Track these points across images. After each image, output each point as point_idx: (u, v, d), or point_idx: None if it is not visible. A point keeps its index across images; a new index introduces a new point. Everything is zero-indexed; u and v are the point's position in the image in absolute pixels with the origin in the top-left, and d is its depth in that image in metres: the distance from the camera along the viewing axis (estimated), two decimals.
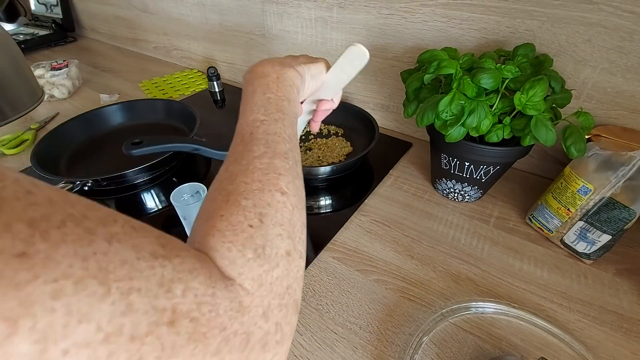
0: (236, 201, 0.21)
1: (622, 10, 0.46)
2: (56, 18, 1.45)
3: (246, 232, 0.19)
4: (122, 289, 0.12)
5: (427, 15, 0.62)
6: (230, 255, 0.18)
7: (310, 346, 0.41)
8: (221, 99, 0.96)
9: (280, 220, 0.21)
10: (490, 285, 0.47)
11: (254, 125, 0.27)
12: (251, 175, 0.23)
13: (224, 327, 0.15)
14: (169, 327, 0.13)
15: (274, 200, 0.22)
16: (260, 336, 0.16)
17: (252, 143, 0.25)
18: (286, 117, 0.29)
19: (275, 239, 0.20)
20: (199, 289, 0.14)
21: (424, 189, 0.63)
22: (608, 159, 0.43)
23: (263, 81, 0.31)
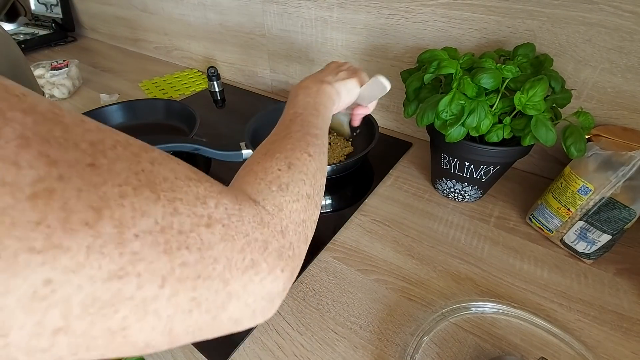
0: (272, 154, 0.26)
1: (622, 10, 0.46)
2: (56, 18, 1.45)
3: (275, 173, 0.24)
4: (168, 197, 0.15)
5: (428, 15, 0.62)
6: (259, 187, 0.22)
7: (311, 346, 0.41)
8: (221, 98, 0.96)
9: (305, 171, 0.26)
10: (490, 285, 0.47)
11: (294, 116, 0.33)
12: (287, 140, 0.28)
13: (247, 234, 0.18)
14: (206, 228, 0.16)
15: (302, 157, 0.27)
16: (276, 247, 0.20)
17: (291, 125, 0.31)
18: (320, 114, 0.35)
19: (298, 182, 0.25)
20: (228, 205, 0.18)
21: (424, 188, 0.63)
22: (608, 159, 0.43)
23: (305, 91, 0.38)
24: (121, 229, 0.13)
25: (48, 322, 0.11)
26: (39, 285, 0.11)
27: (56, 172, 0.11)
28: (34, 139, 0.11)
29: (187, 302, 0.15)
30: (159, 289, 0.14)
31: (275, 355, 0.40)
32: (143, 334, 0.14)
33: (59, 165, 0.12)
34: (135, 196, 0.13)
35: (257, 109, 0.77)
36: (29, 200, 0.11)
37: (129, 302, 0.13)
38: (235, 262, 0.17)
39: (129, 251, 0.13)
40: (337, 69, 0.46)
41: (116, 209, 0.13)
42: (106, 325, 0.13)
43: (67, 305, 0.11)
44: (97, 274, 0.12)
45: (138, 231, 0.13)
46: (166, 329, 0.15)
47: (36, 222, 0.11)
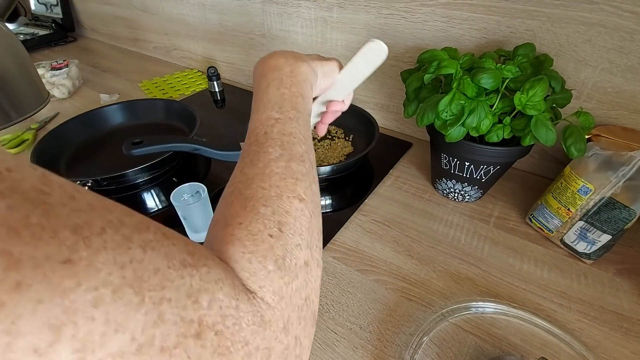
0: (255, 208, 0.20)
1: (622, 10, 0.46)
2: (56, 18, 1.45)
3: (266, 242, 0.19)
4: (154, 299, 0.12)
5: (427, 15, 0.62)
6: (251, 267, 0.18)
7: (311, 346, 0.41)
8: (221, 98, 0.96)
9: (299, 229, 0.21)
10: (490, 285, 0.47)
11: (268, 124, 0.26)
12: (268, 180, 0.22)
13: (247, 342, 0.15)
14: (195, 340, 0.13)
15: (292, 208, 0.21)
16: (280, 350, 0.16)
17: (267, 144, 0.25)
18: (300, 115, 0.28)
19: (294, 250, 0.20)
20: (223, 301, 0.15)
21: (424, 188, 0.63)
22: (608, 159, 0.43)
23: (277, 74, 0.30)
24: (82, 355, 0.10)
25: None
26: None
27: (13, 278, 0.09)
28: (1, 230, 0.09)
29: None
30: None
31: None
32: None
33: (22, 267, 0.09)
34: (113, 302, 0.11)
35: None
36: None
37: None
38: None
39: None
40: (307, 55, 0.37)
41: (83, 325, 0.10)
42: None
43: None
44: None
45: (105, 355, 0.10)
46: None
47: None
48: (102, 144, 0.76)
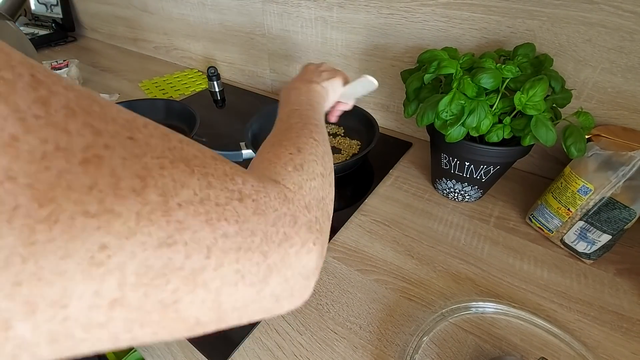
0: (279, 143, 0.27)
1: (622, 10, 0.46)
2: (56, 18, 1.45)
3: (287, 157, 0.25)
4: (201, 172, 0.15)
5: (428, 15, 0.62)
6: (276, 170, 0.23)
7: (311, 346, 0.41)
8: (221, 98, 0.96)
9: (315, 153, 0.27)
10: (490, 285, 0.47)
11: (291, 112, 0.34)
12: (290, 131, 0.29)
13: (276, 208, 0.19)
14: (239, 202, 0.16)
15: (309, 142, 0.28)
16: (304, 221, 0.20)
17: (289, 119, 0.32)
18: (315, 109, 0.36)
19: (310, 162, 0.26)
20: (253, 183, 0.18)
21: (424, 188, 0.63)
22: (608, 159, 0.43)
23: (297, 91, 0.40)
24: (165, 198, 0.13)
25: (105, 291, 0.11)
26: (96, 250, 0.11)
27: (102, 141, 0.12)
28: (78, 111, 0.12)
29: (232, 274, 0.15)
30: (205, 259, 0.14)
31: (275, 355, 0.40)
32: (194, 308, 0.14)
33: (104, 135, 0.12)
34: (173, 168, 0.14)
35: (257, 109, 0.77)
36: (81, 165, 0.11)
37: (179, 273, 0.13)
38: (270, 235, 0.17)
39: (175, 219, 0.13)
40: (317, 70, 0.47)
41: (159, 179, 0.13)
42: (159, 297, 0.13)
43: (122, 273, 0.12)
44: (148, 240, 0.12)
45: (180, 200, 0.13)
46: (215, 303, 0.15)
47: (89, 186, 0.11)
48: None
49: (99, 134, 0.12)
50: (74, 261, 0.10)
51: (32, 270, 0.10)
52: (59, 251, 0.10)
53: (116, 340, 0.13)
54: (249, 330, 0.42)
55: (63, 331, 0.11)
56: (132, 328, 0.13)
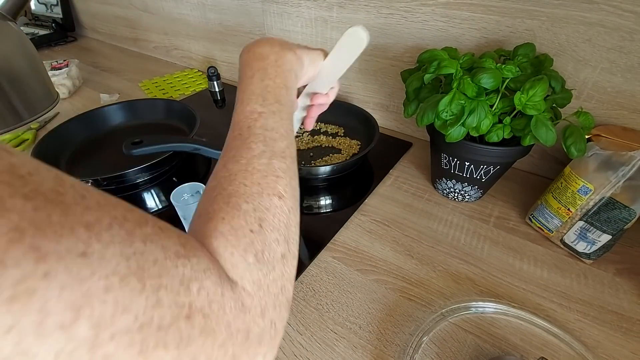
0: (237, 204, 0.22)
1: (622, 9, 0.46)
2: (56, 18, 1.45)
3: (247, 237, 0.21)
4: (153, 286, 0.14)
5: (427, 14, 0.62)
6: (233, 260, 0.19)
7: (310, 346, 0.41)
8: (221, 98, 0.96)
9: (278, 225, 0.22)
10: (490, 285, 0.47)
11: (252, 118, 0.27)
12: (250, 177, 0.23)
13: (229, 324, 0.17)
14: (186, 321, 0.15)
15: (272, 205, 0.23)
16: (257, 332, 0.18)
17: (250, 139, 0.26)
18: (284, 108, 0.29)
19: (272, 244, 0.21)
20: (210, 289, 0.16)
21: (424, 188, 0.63)
22: (608, 159, 0.43)
23: (261, 64, 0.30)
24: (97, 330, 0.12)
25: None
26: None
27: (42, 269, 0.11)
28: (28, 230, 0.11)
29: None
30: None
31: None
32: None
33: (48, 260, 0.11)
34: (121, 289, 0.13)
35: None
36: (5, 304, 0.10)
37: None
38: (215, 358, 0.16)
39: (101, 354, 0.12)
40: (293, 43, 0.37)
41: (97, 307, 0.12)
42: None
43: None
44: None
45: (115, 331, 0.12)
46: None
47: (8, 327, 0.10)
48: (102, 144, 0.76)
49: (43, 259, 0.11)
50: None
51: None
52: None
53: None
54: None
55: None
56: None
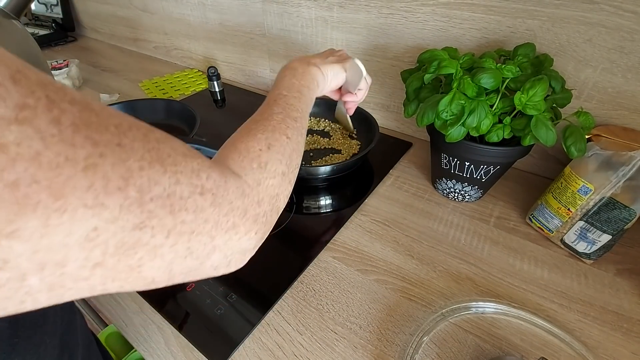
0: (254, 134, 0.30)
1: (623, 10, 0.46)
2: (56, 18, 1.45)
3: (256, 152, 0.28)
4: (172, 170, 0.18)
5: (428, 14, 0.62)
6: (242, 164, 0.26)
7: (311, 346, 0.41)
8: (221, 98, 0.96)
9: (282, 151, 0.30)
10: (490, 285, 0.47)
11: (278, 97, 0.36)
12: (268, 122, 0.32)
13: (231, 201, 0.22)
14: (200, 195, 0.20)
15: (280, 139, 0.31)
16: (253, 214, 0.24)
17: (273, 105, 0.35)
18: (303, 97, 0.38)
19: (275, 162, 0.29)
20: (216, 178, 0.22)
21: (424, 188, 0.63)
22: (608, 159, 0.43)
23: (292, 72, 0.41)
24: (141, 194, 0.16)
25: (92, 257, 0.15)
26: (90, 230, 0.15)
27: (98, 151, 0.15)
28: (81, 125, 0.15)
29: (184, 250, 0.19)
30: (165, 239, 0.18)
31: (275, 355, 0.40)
32: (152, 271, 0.19)
33: (99, 145, 0.15)
34: (150, 169, 0.17)
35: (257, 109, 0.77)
36: (82, 171, 0.14)
37: (145, 247, 0.17)
38: (220, 223, 0.21)
39: (147, 210, 0.17)
40: (330, 54, 0.48)
41: (137, 179, 0.16)
42: (128, 263, 0.17)
43: (105, 246, 0.16)
44: (126, 225, 0.16)
45: (152, 196, 0.17)
46: (167, 269, 0.19)
47: (88, 186, 0.14)
48: None
49: (96, 144, 0.15)
50: (74, 238, 0.14)
51: (46, 243, 0.14)
52: (65, 231, 0.14)
53: (93, 290, 0.17)
54: (249, 330, 0.42)
55: (59, 282, 0.15)
56: (105, 282, 0.17)
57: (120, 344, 0.54)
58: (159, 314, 0.44)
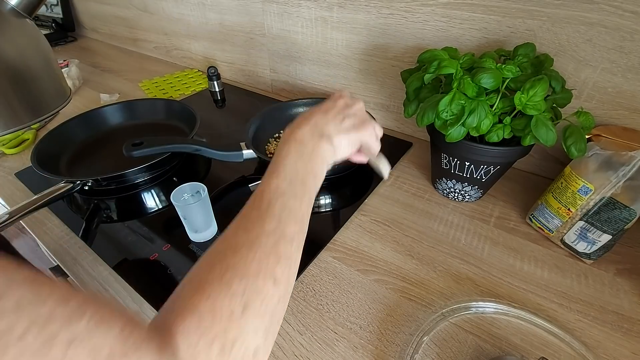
0: (230, 282, 0.22)
1: (623, 10, 0.46)
2: (56, 18, 1.45)
3: (224, 321, 0.20)
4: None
5: (428, 14, 0.62)
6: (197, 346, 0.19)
7: (311, 346, 0.41)
8: (221, 98, 0.96)
9: (263, 312, 0.22)
10: (490, 285, 0.47)
11: (275, 194, 0.28)
12: (254, 252, 0.24)
13: None
14: None
15: (265, 288, 0.23)
16: None
17: (266, 215, 0.27)
18: (307, 192, 0.30)
19: (250, 333, 0.21)
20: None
21: (424, 188, 0.63)
22: (608, 159, 0.43)
23: (299, 148, 0.32)
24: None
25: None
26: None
27: None
28: None
29: None
30: None
31: (275, 355, 0.40)
32: None
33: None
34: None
35: (257, 109, 0.77)
36: None
37: None
38: None
39: None
40: (343, 112, 0.38)
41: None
42: None
43: None
44: None
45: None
46: None
47: None
48: (102, 144, 0.76)
49: None
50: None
51: None
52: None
53: None
54: None
55: None
56: None
57: None
58: None
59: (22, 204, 0.50)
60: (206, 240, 0.53)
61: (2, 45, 0.39)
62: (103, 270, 0.50)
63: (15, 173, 0.69)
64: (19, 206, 0.50)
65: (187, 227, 0.52)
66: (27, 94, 0.42)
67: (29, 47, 0.43)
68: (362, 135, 0.38)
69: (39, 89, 0.44)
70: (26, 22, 0.43)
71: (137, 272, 0.49)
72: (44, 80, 0.45)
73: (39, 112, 0.44)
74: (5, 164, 0.73)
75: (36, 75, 0.44)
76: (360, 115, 0.39)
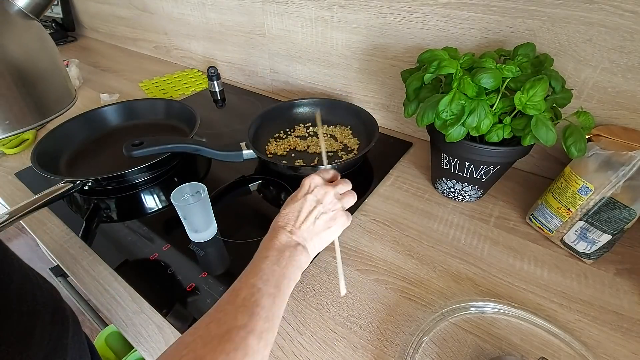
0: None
1: (623, 9, 0.46)
2: (56, 17, 1.45)
3: None
4: None
5: (428, 14, 0.62)
6: None
7: (311, 346, 0.41)
8: (221, 98, 0.96)
9: None
10: (490, 285, 0.47)
11: (251, 291, 0.31)
12: (223, 346, 0.26)
13: None
14: None
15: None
16: None
17: (239, 310, 0.29)
18: (280, 294, 0.33)
19: None
20: None
21: (424, 188, 0.63)
22: (608, 159, 0.43)
23: (277, 254, 0.35)
24: None
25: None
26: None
27: None
28: None
29: None
30: None
31: (275, 355, 0.40)
32: None
33: None
34: None
35: (257, 109, 0.77)
36: None
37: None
38: None
39: None
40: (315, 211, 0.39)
41: None
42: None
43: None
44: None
45: None
46: None
47: None
48: (102, 144, 0.76)
49: None
50: None
51: None
52: None
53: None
54: None
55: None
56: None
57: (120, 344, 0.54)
58: (159, 314, 0.44)
59: (22, 204, 0.50)
60: (206, 240, 0.53)
61: (10, 46, 0.39)
62: (103, 270, 0.50)
63: (15, 173, 0.69)
64: (19, 206, 0.50)
65: (187, 227, 0.52)
66: (34, 95, 0.42)
67: (36, 49, 0.43)
68: (334, 232, 0.41)
69: (45, 90, 0.45)
70: (33, 23, 0.43)
71: (137, 272, 0.49)
72: (51, 81, 0.45)
73: (46, 114, 0.44)
74: (5, 164, 0.73)
75: (43, 77, 0.44)
76: (331, 209, 0.41)
